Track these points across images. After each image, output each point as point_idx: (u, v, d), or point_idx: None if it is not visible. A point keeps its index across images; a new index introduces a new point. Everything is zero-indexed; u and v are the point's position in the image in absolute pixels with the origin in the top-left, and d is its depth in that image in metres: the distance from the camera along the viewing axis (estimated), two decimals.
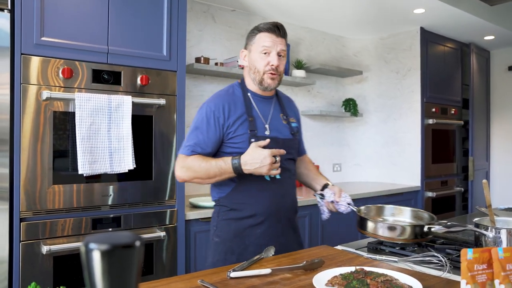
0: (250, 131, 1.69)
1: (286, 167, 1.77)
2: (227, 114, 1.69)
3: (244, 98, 1.76)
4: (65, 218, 2.16)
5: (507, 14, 4.23)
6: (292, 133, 1.82)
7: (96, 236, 0.45)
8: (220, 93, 1.78)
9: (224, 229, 1.73)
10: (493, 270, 1.01)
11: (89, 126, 2.15)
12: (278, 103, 1.87)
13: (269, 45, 1.70)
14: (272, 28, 1.71)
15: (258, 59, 1.72)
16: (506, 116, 5.06)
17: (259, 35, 1.72)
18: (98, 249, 0.43)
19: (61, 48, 2.14)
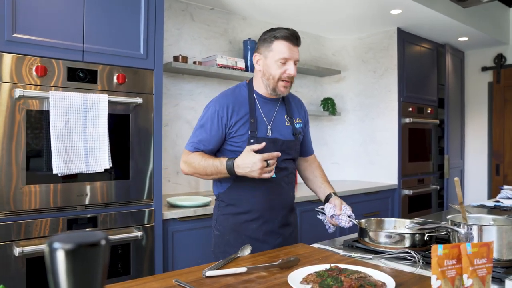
0: (250, 132, 1.76)
1: (284, 166, 1.85)
2: (230, 114, 1.77)
3: (249, 99, 1.82)
4: (40, 218, 2.12)
5: (479, 16, 4.33)
6: (294, 134, 1.88)
7: (61, 236, 0.44)
8: (226, 93, 1.85)
9: (223, 223, 1.85)
10: (462, 265, 1.04)
11: (64, 125, 2.12)
12: (284, 104, 1.91)
13: (287, 56, 1.73)
14: (290, 37, 1.74)
15: (274, 67, 1.75)
16: (479, 116, 5.18)
17: (276, 43, 1.75)
18: (62, 248, 0.43)
19: (35, 45, 2.10)
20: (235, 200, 1.82)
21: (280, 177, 1.84)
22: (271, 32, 1.78)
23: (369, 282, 1.11)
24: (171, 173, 3.29)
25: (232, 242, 1.80)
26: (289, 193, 1.93)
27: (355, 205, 3.72)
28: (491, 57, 5.05)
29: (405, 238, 1.53)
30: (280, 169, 1.83)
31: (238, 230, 1.82)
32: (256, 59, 1.83)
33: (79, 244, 0.43)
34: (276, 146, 1.80)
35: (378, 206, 3.99)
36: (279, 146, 1.81)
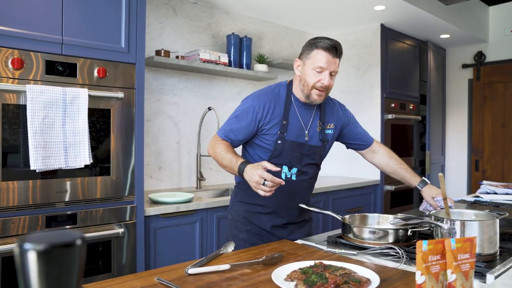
0: (280, 133, 1.82)
1: (305, 170, 1.91)
2: (265, 112, 1.82)
3: (286, 101, 1.86)
4: (17, 216, 2.06)
5: (460, 14, 4.38)
6: (321, 140, 1.92)
7: (33, 235, 0.42)
8: (267, 91, 1.89)
9: (236, 209, 1.96)
10: (446, 261, 1.04)
11: (42, 119, 2.06)
12: (319, 109, 1.94)
13: (324, 66, 1.75)
14: (330, 48, 1.75)
15: (310, 74, 1.78)
16: (459, 112, 5.26)
17: (316, 52, 1.77)
18: (34, 249, 0.40)
19: (11, 37, 2.03)
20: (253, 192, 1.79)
21: (299, 180, 1.90)
22: (314, 40, 1.81)
23: (353, 279, 1.11)
24: (153, 169, 3.24)
25: (241, 226, 1.93)
26: (305, 197, 1.97)
27: (338, 201, 3.75)
28: (471, 55, 5.12)
29: (388, 233, 1.53)
30: (301, 173, 1.89)
31: (248, 218, 1.92)
32: (297, 65, 1.87)
33: (53, 245, 0.41)
34: (303, 150, 1.87)
35: (361, 202, 4.02)
36: (306, 150, 1.88)
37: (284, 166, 1.86)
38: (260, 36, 4.08)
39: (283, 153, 1.84)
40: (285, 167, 1.87)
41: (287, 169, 1.87)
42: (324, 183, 3.80)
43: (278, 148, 1.84)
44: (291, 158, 1.86)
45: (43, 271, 0.41)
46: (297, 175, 1.89)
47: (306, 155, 1.88)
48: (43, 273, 0.41)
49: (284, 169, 1.87)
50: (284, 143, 1.83)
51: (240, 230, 1.93)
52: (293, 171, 1.88)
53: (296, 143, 1.85)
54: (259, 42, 4.06)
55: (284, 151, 1.84)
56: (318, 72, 1.77)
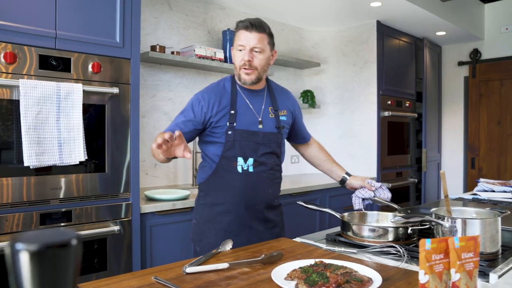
0: (229, 123, 1.78)
1: (262, 161, 1.84)
2: (211, 105, 1.79)
3: (231, 91, 1.84)
4: (11, 213, 2.02)
5: (456, 12, 4.37)
6: (277, 127, 1.88)
7: (25, 234, 0.39)
8: (211, 86, 1.89)
9: (200, 213, 1.89)
10: (449, 260, 1.02)
11: (35, 115, 2.02)
12: (269, 95, 1.92)
13: (242, 43, 1.77)
14: (246, 25, 1.77)
15: (235, 56, 1.81)
16: (455, 110, 5.26)
17: (237, 33, 1.80)
18: (26, 249, 0.37)
19: (3, 31, 1.98)
20: (212, 191, 1.85)
21: (257, 172, 1.83)
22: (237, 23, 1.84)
23: (355, 278, 1.08)
24: (148, 165, 3.21)
25: (207, 232, 1.84)
26: (267, 190, 1.89)
27: (335, 198, 3.73)
28: (467, 52, 5.12)
29: (388, 231, 1.51)
30: (259, 163, 1.83)
31: (212, 222, 1.84)
32: (233, 53, 1.88)
33: (47, 245, 0.38)
34: (257, 138, 1.82)
35: None
36: (260, 138, 1.83)
37: (239, 158, 1.81)
38: None
39: (235, 144, 1.79)
40: (240, 159, 1.81)
41: (243, 161, 1.81)
42: (321, 181, 3.78)
43: (230, 139, 1.79)
44: (245, 148, 1.80)
45: (37, 273, 0.38)
46: (254, 167, 1.83)
47: (261, 143, 1.83)
48: (36, 274, 0.38)
49: (239, 162, 1.81)
50: (234, 133, 1.79)
51: (206, 235, 1.85)
52: (249, 162, 1.82)
53: (248, 132, 1.81)
54: None
55: (236, 141, 1.79)
56: (240, 51, 1.79)
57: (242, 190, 1.81)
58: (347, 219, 1.72)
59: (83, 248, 2.18)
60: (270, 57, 1.85)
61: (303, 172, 4.53)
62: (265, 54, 1.81)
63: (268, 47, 1.83)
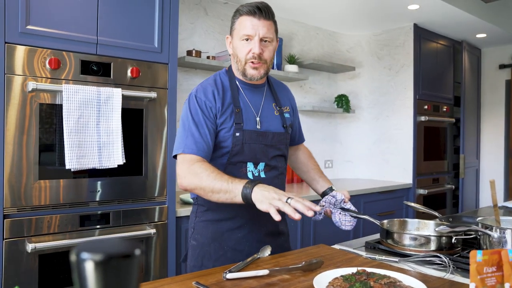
0: (235, 124, 1.53)
1: (274, 165, 1.62)
2: (217, 104, 1.53)
3: (231, 87, 1.59)
4: (52, 214, 2.08)
5: (500, 12, 4.22)
6: (284, 126, 1.66)
7: (90, 244, 0.39)
8: (208, 82, 1.60)
9: (202, 232, 1.59)
10: (502, 273, 0.97)
11: (77, 119, 2.07)
12: (270, 91, 1.70)
13: (249, 32, 1.50)
14: (253, 10, 1.49)
15: (239, 47, 1.53)
16: (495, 115, 5.08)
17: (240, 20, 1.53)
18: (92, 259, 0.37)
19: (48, 38, 2.05)
20: (216, 205, 1.53)
21: (269, 177, 1.59)
22: (238, 8, 1.55)
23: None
24: None
25: (212, 254, 1.55)
26: None
27: (370, 204, 3.67)
28: (509, 55, 4.94)
29: (431, 240, 1.46)
30: (270, 168, 1.60)
31: (219, 240, 1.56)
32: (228, 42, 1.62)
33: (111, 255, 0.38)
34: (266, 139, 1.58)
35: (392, 206, 3.92)
36: (270, 139, 1.59)
37: (248, 163, 1.56)
38: (290, 36, 4.03)
39: (244, 147, 1.53)
40: (250, 164, 1.56)
41: (253, 166, 1.57)
42: (355, 186, 3.73)
43: (238, 142, 1.53)
44: (255, 151, 1.56)
45: (101, 281, 0.38)
46: (265, 172, 1.59)
47: (270, 145, 1.60)
48: (100, 283, 0.38)
49: (249, 167, 1.56)
50: (243, 134, 1.53)
51: (211, 259, 1.55)
52: (260, 167, 1.58)
53: (257, 133, 1.56)
54: (289, 42, 4.01)
55: (245, 144, 1.53)
56: (246, 42, 1.51)
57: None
58: (386, 226, 1.68)
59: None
60: (275, 46, 1.59)
61: (337, 177, 4.48)
62: (274, 44, 1.56)
63: (275, 35, 1.57)
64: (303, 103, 4.11)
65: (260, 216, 1.46)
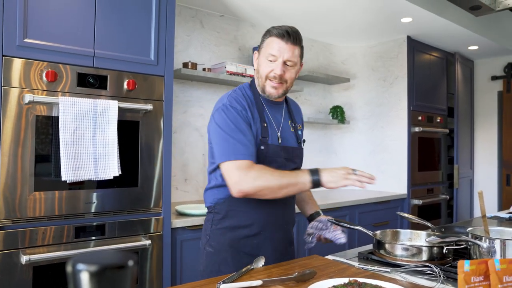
0: (262, 137, 1.61)
1: None
2: (250, 115, 1.61)
3: (256, 101, 1.66)
4: (46, 226, 2.09)
5: (490, 25, 4.29)
6: (298, 142, 1.78)
7: (85, 255, 0.41)
8: (238, 93, 1.65)
9: (218, 239, 1.64)
10: (490, 282, 0.99)
11: (73, 131, 2.09)
12: (288, 109, 1.80)
13: (275, 53, 1.58)
14: (282, 34, 1.58)
15: (263, 65, 1.62)
16: (488, 125, 5.13)
17: (269, 40, 1.62)
18: (87, 270, 0.39)
19: (45, 51, 2.08)
20: (234, 212, 1.62)
21: None
22: (270, 28, 1.65)
23: None
24: (179, 180, 3.25)
25: (230, 260, 1.60)
26: (293, 207, 1.80)
27: (365, 215, 3.68)
28: (501, 66, 5.01)
29: (422, 251, 1.48)
30: None
31: (236, 247, 1.62)
32: (255, 57, 1.71)
33: (105, 266, 0.40)
34: (287, 153, 1.67)
35: (387, 216, 3.94)
36: (290, 154, 1.69)
37: None
38: None
39: (267, 160, 1.60)
40: None
41: None
42: (350, 197, 3.75)
43: (262, 155, 1.59)
44: (276, 165, 1.61)
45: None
46: None
47: (290, 159, 1.68)
48: None
49: None
50: (267, 148, 1.61)
51: (229, 264, 1.60)
52: None
53: (280, 147, 1.65)
54: None
55: (268, 157, 1.61)
56: (270, 61, 1.59)
57: (271, 208, 1.64)
58: (379, 237, 1.70)
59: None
60: (298, 70, 1.69)
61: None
62: (297, 67, 1.65)
63: (299, 59, 1.66)
64: None
65: (275, 225, 1.67)
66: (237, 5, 3.37)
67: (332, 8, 3.43)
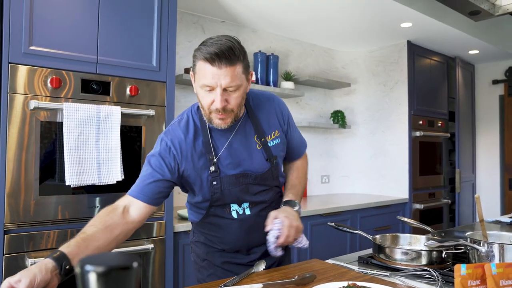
0: (212, 172, 1.43)
1: (260, 200, 1.54)
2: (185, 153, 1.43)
3: (202, 130, 1.45)
4: (51, 230, 2.11)
5: (491, 30, 4.32)
6: (268, 159, 1.51)
7: (92, 257, 0.43)
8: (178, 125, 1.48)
9: (195, 250, 1.67)
10: (486, 286, 1.01)
11: (77, 136, 2.12)
12: (250, 121, 1.51)
13: (209, 83, 1.29)
14: (211, 58, 1.27)
15: (201, 94, 1.35)
16: (490, 129, 5.14)
17: (199, 64, 1.31)
18: (94, 271, 0.41)
19: (50, 58, 2.11)
20: (207, 235, 1.58)
21: (255, 212, 1.53)
22: (198, 47, 1.35)
23: None
24: None
25: (207, 268, 1.61)
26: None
27: (366, 219, 3.70)
28: (502, 70, 5.03)
29: (422, 255, 1.50)
30: (256, 203, 1.53)
31: (210, 260, 1.60)
32: (192, 79, 1.42)
33: (111, 267, 0.42)
34: (248, 179, 1.48)
35: (389, 220, 3.95)
36: (252, 180, 1.49)
37: (232, 204, 1.51)
38: (286, 53, 4.11)
39: (225, 193, 1.46)
40: (233, 205, 1.51)
41: (237, 206, 1.52)
42: (352, 201, 3.76)
43: (216, 190, 1.45)
44: (237, 194, 1.48)
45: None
46: (251, 208, 1.53)
47: (255, 183, 1.50)
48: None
49: (233, 207, 1.51)
50: (221, 181, 1.45)
51: (203, 274, 1.61)
52: (245, 205, 1.52)
53: (236, 176, 1.46)
54: (285, 59, 4.09)
55: (225, 190, 1.46)
56: (208, 92, 1.32)
57: (240, 235, 1.54)
58: (379, 241, 1.71)
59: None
60: (247, 86, 1.41)
61: (333, 192, 4.52)
62: (242, 88, 1.36)
63: (244, 76, 1.36)
64: (300, 119, 4.17)
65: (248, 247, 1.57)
66: (238, 11, 3.40)
67: (332, 14, 3.46)
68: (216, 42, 1.30)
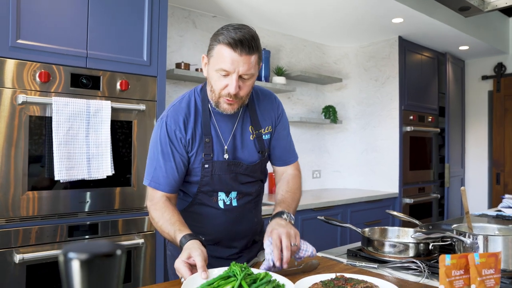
0: (205, 154, 1.45)
1: (247, 191, 1.56)
2: (188, 134, 1.45)
3: (203, 111, 1.48)
4: (40, 225, 2.11)
5: (480, 26, 4.35)
6: (260, 151, 1.54)
7: (76, 245, 0.44)
8: (180, 106, 1.49)
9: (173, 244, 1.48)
10: (469, 276, 1.03)
11: (66, 131, 2.11)
12: (249, 112, 1.55)
13: (227, 68, 1.32)
14: (234, 43, 1.30)
15: (215, 78, 1.37)
16: (479, 124, 5.19)
17: (219, 48, 1.33)
18: (77, 258, 0.42)
19: (38, 52, 2.10)
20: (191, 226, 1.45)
21: (241, 204, 1.55)
22: (219, 31, 1.36)
23: None
24: None
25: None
26: (253, 219, 1.62)
27: (356, 213, 3.73)
28: (491, 66, 5.07)
29: (409, 247, 1.52)
30: (243, 195, 1.55)
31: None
32: (204, 62, 1.44)
33: (95, 254, 0.43)
34: (238, 169, 1.50)
35: (379, 215, 3.98)
36: (243, 169, 1.51)
37: (220, 193, 1.51)
38: (278, 48, 4.11)
39: (214, 178, 1.47)
40: (221, 194, 1.51)
41: (225, 195, 1.52)
42: (343, 196, 3.79)
43: (207, 173, 1.46)
44: (226, 181, 1.49)
45: (85, 279, 0.42)
46: (238, 199, 1.54)
47: (244, 174, 1.52)
48: (85, 280, 0.43)
49: (220, 196, 1.51)
50: (212, 165, 1.46)
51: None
52: (232, 195, 1.53)
53: (227, 163, 1.47)
54: (277, 54, 4.09)
55: (215, 175, 1.47)
56: (223, 76, 1.35)
57: (224, 227, 1.53)
58: (367, 234, 1.73)
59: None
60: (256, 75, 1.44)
61: (325, 187, 4.54)
62: (254, 77, 1.41)
63: (257, 67, 1.41)
64: (291, 114, 4.18)
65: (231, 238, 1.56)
66: (229, 5, 3.40)
67: (323, 8, 3.46)
68: (239, 29, 1.34)
